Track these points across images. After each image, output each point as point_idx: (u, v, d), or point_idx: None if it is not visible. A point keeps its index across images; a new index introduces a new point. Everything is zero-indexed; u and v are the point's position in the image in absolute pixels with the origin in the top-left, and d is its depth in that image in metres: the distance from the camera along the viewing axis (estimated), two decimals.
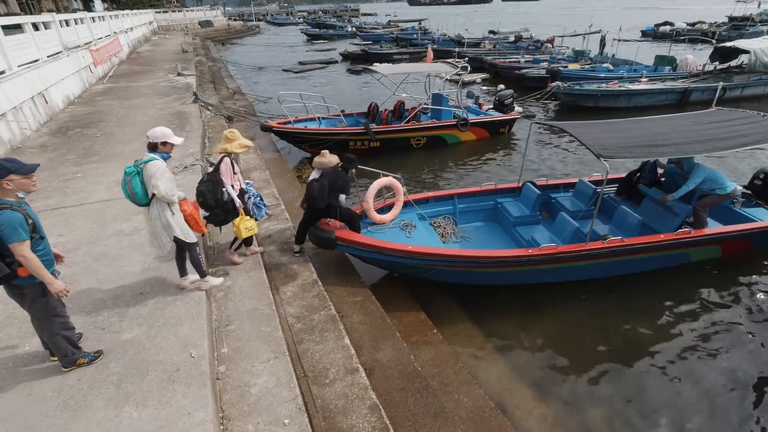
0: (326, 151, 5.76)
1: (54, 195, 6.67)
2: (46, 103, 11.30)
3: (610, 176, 7.27)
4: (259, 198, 5.32)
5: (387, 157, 11.00)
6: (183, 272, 4.43)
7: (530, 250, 5.40)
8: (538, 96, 15.62)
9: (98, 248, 5.17)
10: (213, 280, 4.58)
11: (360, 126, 11.03)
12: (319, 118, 11.57)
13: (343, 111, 12.05)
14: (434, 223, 6.75)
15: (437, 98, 12.18)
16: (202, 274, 4.42)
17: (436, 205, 7.04)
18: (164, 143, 3.82)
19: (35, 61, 11.75)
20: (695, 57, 18.34)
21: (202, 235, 4.62)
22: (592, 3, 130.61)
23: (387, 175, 6.32)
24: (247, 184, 5.23)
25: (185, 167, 7.51)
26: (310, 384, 3.75)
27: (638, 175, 7.12)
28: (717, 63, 16.86)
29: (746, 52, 15.49)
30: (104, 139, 9.48)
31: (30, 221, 2.91)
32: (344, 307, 4.98)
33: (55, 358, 3.45)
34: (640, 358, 4.90)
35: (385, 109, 12.03)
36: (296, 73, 26.65)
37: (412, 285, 5.96)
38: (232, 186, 4.77)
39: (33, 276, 2.95)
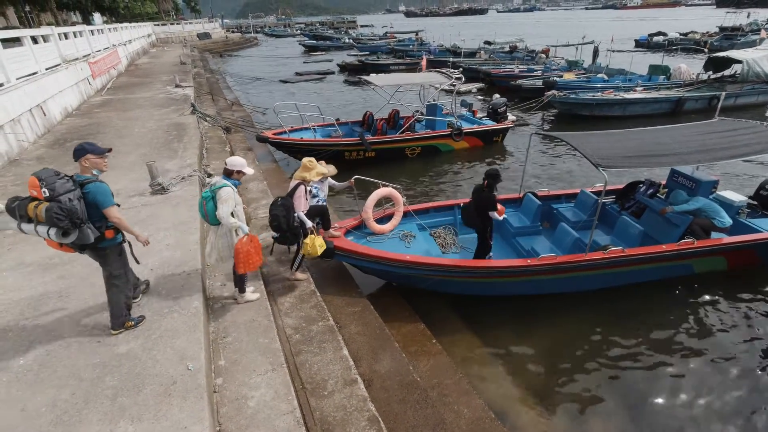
0: (322, 162, 5.80)
1: None
2: (44, 115, 11.32)
3: (612, 187, 7.28)
4: (324, 202, 5.76)
5: (382, 166, 11.03)
6: (243, 289, 4.66)
7: (529, 261, 5.37)
8: (534, 105, 15.76)
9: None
10: (249, 296, 4.71)
11: (355, 135, 11.09)
12: (314, 127, 11.64)
13: (338, 120, 12.12)
14: (434, 233, 6.71)
15: (431, 108, 12.29)
16: (242, 290, 4.64)
17: (437, 216, 7.02)
18: (239, 171, 4.25)
19: (34, 73, 11.79)
20: (688, 66, 18.58)
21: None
22: (584, 14, 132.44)
23: (386, 186, 6.33)
24: (315, 188, 5.61)
25: (182, 178, 7.51)
26: (309, 396, 3.71)
27: (641, 186, 7.08)
28: (710, 72, 17.08)
29: (739, 62, 15.72)
30: None
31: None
32: (342, 318, 4.95)
33: None
34: (642, 368, 4.86)
35: (380, 119, 12.11)
36: (293, 83, 26.85)
37: (410, 295, 5.93)
38: (303, 211, 5.19)
39: (113, 239, 3.68)
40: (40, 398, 3.26)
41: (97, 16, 47.30)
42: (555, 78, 18.75)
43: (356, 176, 6.28)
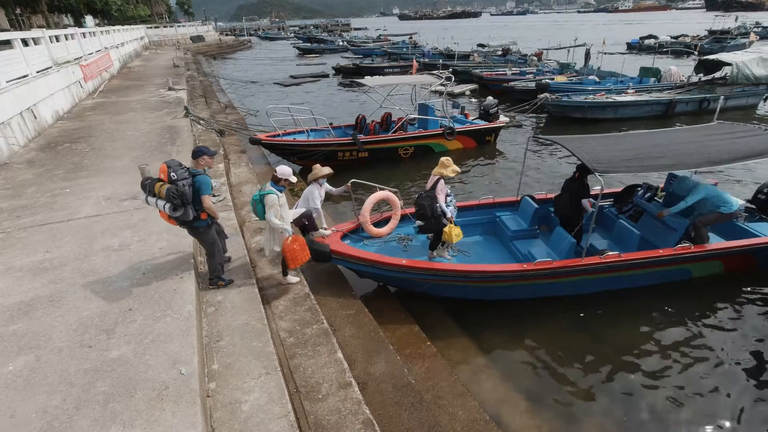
0: (317, 165, 5.80)
1: (41, 211, 6.58)
2: (35, 118, 11.22)
3: (609, 190, 7.22)
4: (454, 202, 6.30)
5: (376, 167, 11.04)
6: (285, 273, 5.34)
7: (525, 265, 5.35)
8: (527, 108, 15.86)
9: (86, 264, 5.09)
10: (291, 278, 5.35)
11: (348, 137, 11.11)
12: (307, 130, 11.64)
13: (331, 123, 12.13)
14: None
15: (423, 108, 12.34)
16: (285, 273, 5.33)
17: None
18: (286, 179, 4.94)
19: (24, 76, 11.68)
20: (678, 68, 18.79)
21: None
22: (577, 17, 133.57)
23: (384, 189, 6.32)
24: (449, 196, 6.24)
25: None
26: (303, 399, 3.69)
27: (638, 190, 7.03)
28: (701, 75, 17.29)
29: (729, 64, 15.92)
30: (93, 154, 9.41)
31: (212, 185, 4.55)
32: (337, 321, 4.94)
33: None
34: (636, 371, 4.87)
35: (373, 121, 12.15)
36: (287, 86, 26.84)
37: (405, 297, 5.93)
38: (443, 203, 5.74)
39: (205, 220, 4.62)
40: (30, 404, 3.22)
41: (89, 19, 47.00)
42: (547, 80, 18.88)
43: (353, 180, 6.27)
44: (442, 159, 5.91)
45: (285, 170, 4.95)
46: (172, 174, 4.31)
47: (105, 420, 3.08)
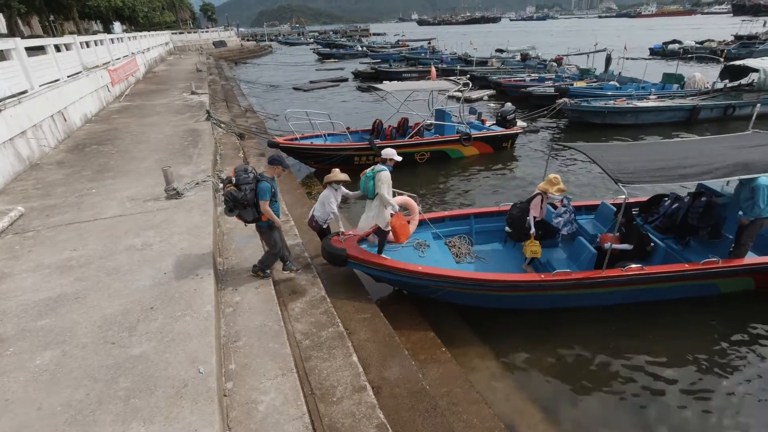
0: (336, 169, 5.85)
1: (69, 210, 6.81)
2: (65, 120, 11.63)
3: (635, 199, 7.01)
4: (573, 214, 6.32)
5: (392, 173, 11.03)
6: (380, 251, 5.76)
7: (543, 275, 5.26)
8: (545, 113, 15.69)
9: (110, 263, 5.24)
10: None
11: (365, 142, 11.18)
12: (325, 134, 11.76)
13: (348, 128, 12.23)
14: (449, 242, 6.63)
15: (440, 114, 12.33)
16: (380, 251, 5.77)
17: (452, 225, 6.93)
18: (391, 159, 5.64)
19: (56, 80, 12.13)
20: (702, 75, 18.34)
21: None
22: (598, 23, 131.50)
23: (402, 194, 6.33)
24: (568, 199, 6.44)
25: (197, 183, 7.63)
26: (318, 402, 3.72)
27: (665, 200, 6.61)
28: (727, 81, 16.85)
29: (756, 70, 15.48)
30: (119, 156, 9.69)
31: (273, 191, 4.89)
32: (352, 324, 4.96)
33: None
34: (655, 384, 4.76)
35: (390, 126, 12.19)
36: (306, 91, 27.17)
37: (420, 303, 5.92)
38: (535, 217, 5.84)
39: (266, 222, 4.96)
40: (55, 398, 3.33)
41: (117, 25, 48.49)
42: (567, 85, 18.65)
43: None
44: (550, 176, 5.93)
45: (389, 152, 5.66)
46: (234, 178, 4.79)
47: (126, 415, 3.17)
